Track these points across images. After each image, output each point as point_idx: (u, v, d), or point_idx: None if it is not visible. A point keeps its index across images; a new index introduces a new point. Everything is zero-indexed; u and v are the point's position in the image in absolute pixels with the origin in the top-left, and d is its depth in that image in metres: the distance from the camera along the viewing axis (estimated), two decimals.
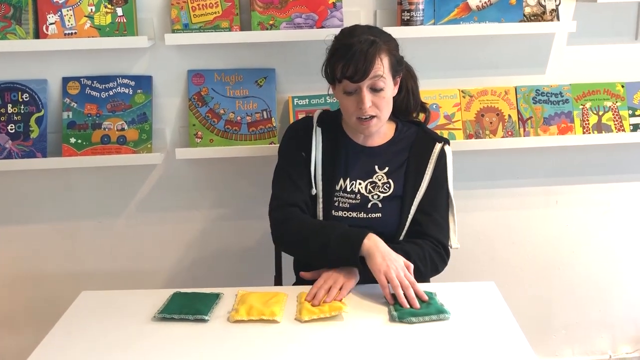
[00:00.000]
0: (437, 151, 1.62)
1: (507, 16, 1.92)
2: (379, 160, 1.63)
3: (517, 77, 2.04)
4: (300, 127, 1.68)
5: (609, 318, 2.30)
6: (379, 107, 1.53)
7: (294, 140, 1.66)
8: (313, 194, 1.60)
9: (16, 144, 1.92)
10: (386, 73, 1.52)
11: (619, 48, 2.05)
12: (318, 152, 1.62)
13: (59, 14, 1.85)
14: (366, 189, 1.60)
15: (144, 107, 1.95)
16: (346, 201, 1.60)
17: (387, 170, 1.62)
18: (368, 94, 1.51)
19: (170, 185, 2.06)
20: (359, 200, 1.60)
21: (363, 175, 1.62)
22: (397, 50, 1.58)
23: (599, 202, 2.18)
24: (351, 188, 1.61)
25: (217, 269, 2.14)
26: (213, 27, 1.86)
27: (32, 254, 2.09)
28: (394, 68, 1.55)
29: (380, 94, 1.52)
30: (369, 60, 1.48)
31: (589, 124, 2.03)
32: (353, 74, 1.49)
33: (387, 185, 1.61)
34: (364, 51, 1.48)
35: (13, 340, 2.15)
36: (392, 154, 1.64)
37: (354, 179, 1.62)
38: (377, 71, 1.49)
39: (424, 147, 1.63)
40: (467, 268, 2.14)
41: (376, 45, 1.50)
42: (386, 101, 1.54)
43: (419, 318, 1.33)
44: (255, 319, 1.33)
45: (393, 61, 1.54)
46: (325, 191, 1.60)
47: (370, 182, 1.61)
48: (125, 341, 1.29)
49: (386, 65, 1.51)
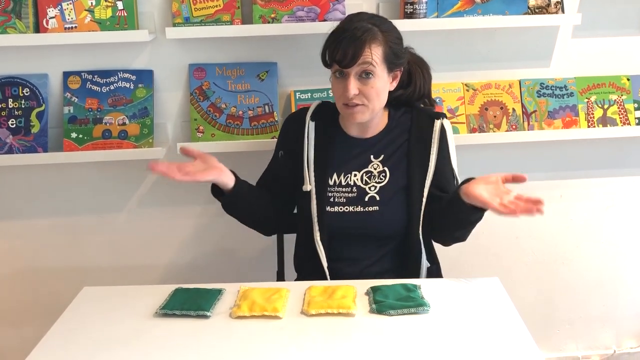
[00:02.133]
0: (437, 128, 1.60)
1: (511, 9, 1.90)
2: (374, 149, 1.61)
3: (521, 71, 2.02)
4: (294, 120, 1.68)
5: (613, 313, 2.29)
6: (367, 97, 1.50)
7: (283, 138, 1.69)
8: (307, 189, 1.59)
9: (17, 139, 1.92)
10: (377, 62, 1.48)
11: (624, 41, 2.03)
12: (310, 147, 1.61)
13: (59, 7, 1.84)
14: (362, 180, 1.59)
15: (145, 101, 1.94)
16: (342, 195, 1.59)
17: (382, 158, 1.60)
18: (355, 81, 1.49)
19: (172, 180, 2.05)
20: (355, 193, 1.58)
21: (358, 166, 1.60)
22: (398, 43, 1.54)
23: (604, 196, 2.17)
24: (346, 181, 1.59)
25: (219, 264, 2.14)
26: (214, 21, 1.85)
27: (33, 249, 2.09)
28: (388, 59, 1.51)
29: (369, 83, 1.49)
30: (358, 46, 1.46)
31: (594, 117, 2.01)
32: (342, 59, 1.47)
33: (383, 174, 1.58)
34: (356, 37, 1.46)
35: (15, 336, 2.15)
36: (388, 141, 1.61)
37: (349, 171, 1.60)
38: (365, 58, 1.47)
39: (424, 128, 1.60)
40: (470, 263, 2.14)
41: (370, 33, 1.47)
42: (375, 92, 1.51)
43: (397, 311, 1.33)
44: (257, 315, 1.33)
45: (388, 52, 1.50)
46: (318, 187, 1.59)
47: (365, 172, 1.59)
48: (127, 337, 1.28)
49: (378, 54, 1.48)
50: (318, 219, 1.58)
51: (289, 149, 1.66)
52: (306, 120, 1.63)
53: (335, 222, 1.58)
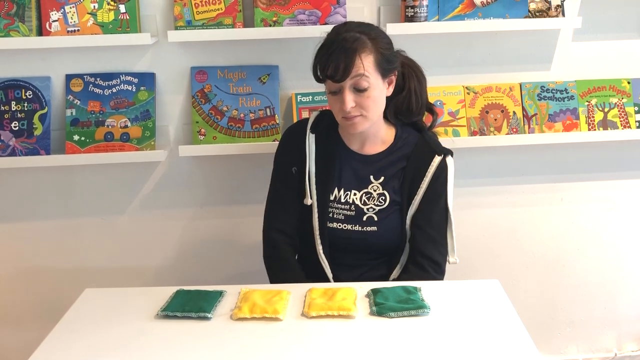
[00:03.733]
0: (434, 165, 1.56)
1: (511, 12, 1.91)
2: (374, 169, 1.59)
3: (522, 74, 2.03)
4: (294, 133, 1.64)
5: (614, 315, 2.29)
6: (364, 107, 1.48)
7: (285, 153, 1.65)
8: (308, 204, 1.58)
9: (20, 142, 1.92)
10: (370, 72, 1.45)
11: (624, 44, 2.04)
12: (311, 161, 1.60)
13: (62, 11, 1.85)
14: (361, 200, 1.57)
15: (147, 104, 1.94)
16: (341, 212, 1.58)
17: (382, 181, 1.58)
18: (350, 94, 1.46)
19: (174, 182, 2.06)
20: (353, 212, 1.57)
21: (357, 185, 1.58)
22: (388, 48, 1.50)
23: (604, 199, 2.17)
24: (345, 199, 1.58)
25: (220, 266, 2.14)
26: (216, 24, 1.86)
27: (36, 251, 2.10)
28: (381, 66, 1.47)
29: (364, 93, 1.46)
30: (348, 58, 1.43)
31: (594, 120, 2.02)
32: (333, 74, 1.44)
33: (383, 197, 1.57)
34: (344, 49, 1.43)
35: (16, 337, 2.16)
36: (389, 162, 1.59)
37: (349, 189, 1.58)
38: (357, 70, 1.43)
39: (421, 160, 1.57)
40: (471, 265, 2.14)
41: (358, 42, 1.44)
42: (372, 100, 1.48)
43: (397, 313, 1.33)
44: (258, 317, 1.33)
45: (379, 59, 1.46)
46: (320, 201, 1.58)
47: (365, 193, 1.58)
48: (128, 338, 1.28)
49: (369, 63, 1.45)
50: (320, 233, 1.59)
51: (289, 163, 1.63)
52: (306, 132, 1.61)
53: (335, 238, 1.59)
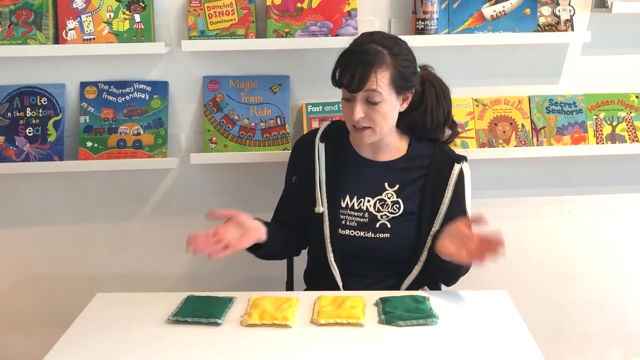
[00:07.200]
0: (456, 172, 1.58)
1: (521, 26, 1.93)
2: (389, 176, 1.60)
3: (530, 87, 2.04)
4: (304, 143, 1.67)
5: (622, 329, 2.28)
6: (373, 120, 1.50)
7: (294, 163, 1.70)
8: (320, 212, 1.59)
9: (34, 147, 1.95)
10: (384, 88, 1.46)
11: (633, 59, 2.05)
12: (321, 169, 1.61)
13: (79, 19, 1.88)
14: (374, 207, 1.58)
15: (159, 112, 1.97)
16: (353, 219, 1.59)
17: (397, 189, 1.59)
18: (361, 105, 1.48)
19: (185, 190, 2.08)
20: (366, 219, 1.58)
21: (371, 191, 1.59)
22: (408, 67, 1.50)
23: (612, 212, 2.17)
24: (359, 206, 1.59)
25: (230, 273, 2.15)
26: (229, 34, 1.89)
27: (47, 256, 2.12)
28: (396, 83, 1.48)
29: (375, 107, 1.48)
30: (364, 72, 1.44)
31: (602, 134, 2.03)
32: (348, 83, 1.47)
33: (397, 205, 1.58)
34: (363, 61, 1.45)
35: (27, 343, 2.17)
36: (404, 171, 1.60)
37: (362, 196, 1.59)
38: (371, 85, 1.45)
39: (442, 169, 1.59)
40: (479, 276, 2.12)
41: (378, 56, 1.45)
42: (382, 115, 1.49)
43: (406, 322, 1.34)
44: (267, 323, 1.34)
45: (396, 76, 1.47)
46: (331, 209, 1.59)
47: (379, 200, 1.58)
48: (139, 343, 1.30)
49: (384, 79, 1.46)
50: (331, 240, 1.59)
51: (299, 172, 1.66)
52: (316, 142, 1.63)
53: (347, 245, 1.59)
